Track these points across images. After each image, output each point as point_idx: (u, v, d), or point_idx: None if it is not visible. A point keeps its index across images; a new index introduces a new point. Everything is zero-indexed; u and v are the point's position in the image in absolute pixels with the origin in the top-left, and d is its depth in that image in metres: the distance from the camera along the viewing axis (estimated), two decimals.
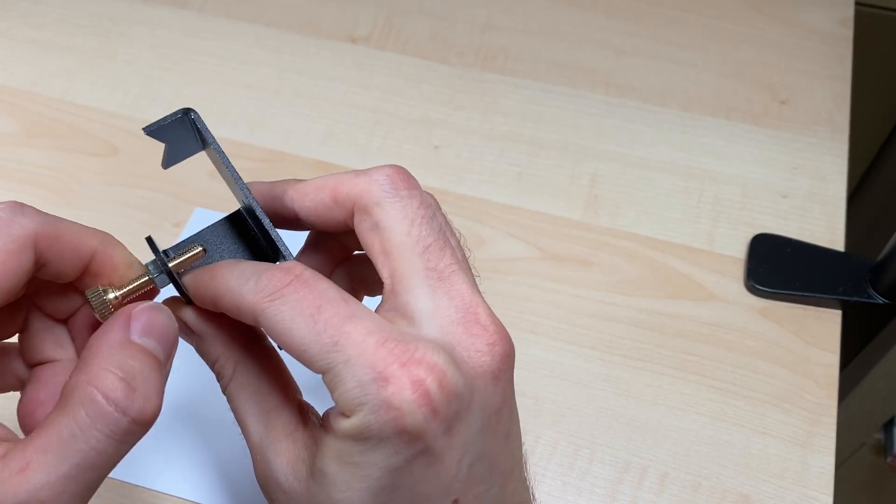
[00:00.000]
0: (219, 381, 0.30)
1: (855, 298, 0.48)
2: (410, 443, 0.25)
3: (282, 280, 0.26)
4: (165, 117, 0.30)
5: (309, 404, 0.30)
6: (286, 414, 0.28)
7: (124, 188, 0.53)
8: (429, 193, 0.30)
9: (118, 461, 0.25)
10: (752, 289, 0.49)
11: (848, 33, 0.62)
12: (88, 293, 0.28)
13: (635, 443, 0.43)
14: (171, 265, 0.29)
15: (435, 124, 0.57)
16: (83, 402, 0.24)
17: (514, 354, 0.28)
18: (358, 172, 0.30)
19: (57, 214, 0.29)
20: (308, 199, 0.31)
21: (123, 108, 0.58)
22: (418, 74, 0.60)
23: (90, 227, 0.29)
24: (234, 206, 0.31)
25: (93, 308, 0.28)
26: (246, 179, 0.30)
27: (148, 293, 0.29)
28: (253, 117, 0.57)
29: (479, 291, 0.28)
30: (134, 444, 0.25)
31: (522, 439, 0.30)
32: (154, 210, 0.52)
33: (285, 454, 0.27)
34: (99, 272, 0.28)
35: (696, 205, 0.53)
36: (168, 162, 0.31)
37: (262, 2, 0.64)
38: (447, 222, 0.30)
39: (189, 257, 0.29)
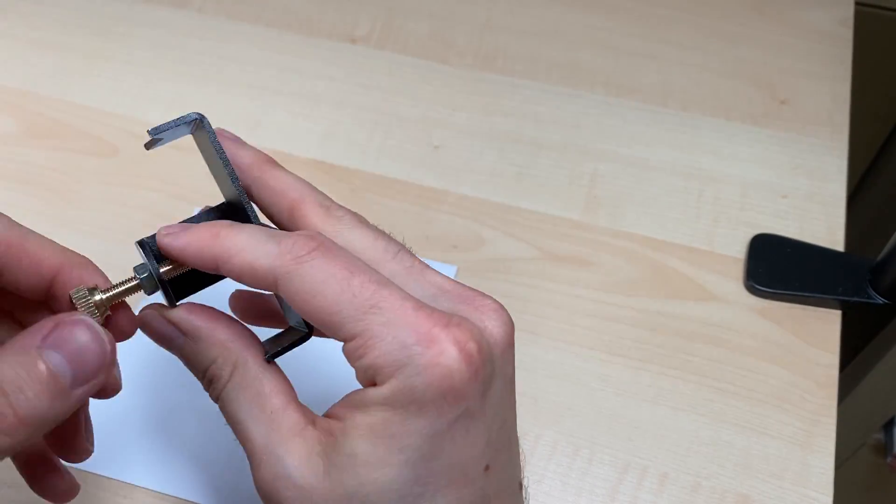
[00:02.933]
0: (211, 385, 0.28)
1: (855, 298, 0.48)
2: (454, 404, 0.25)
3: (307, 245, 0.26)
4: (176, 121, 0.29)
5: (307, 407, 0.29)
6: (292, 414, 0.27)
7: (124, 188, 0.53)
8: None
9: None
10: (751, 289, 0.49)
11: (848, 33, 0.62)
12: (73, 293, 0.27)
13: (635, 443, 0.43)
14: (161, 270, 0.28)
15: (435, 124, 0.57)
16: None
17: (514, 327, 0.28)
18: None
19: (57, 214, 0.29)
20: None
21: (123, 108, 0.58)
22: (418, 74, 0.60)
23: (61, 247, 0.29)
24: None
25: (77, 308, 0.27)
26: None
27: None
28: (253, 117, 0.57)
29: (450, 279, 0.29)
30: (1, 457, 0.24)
31: (520, 439, 0.30)
32: (154, 210, 0.52)
33: (297, 452, 0.26)
34: (62, 293, 0.28)
35: (695, 205, 0.53)
36: (152, 145, 0.30)
37: (262, 2, 0.64)
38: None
39: (177, 269, 0.28)
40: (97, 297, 0.27)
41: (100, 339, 0.25)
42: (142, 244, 0.29)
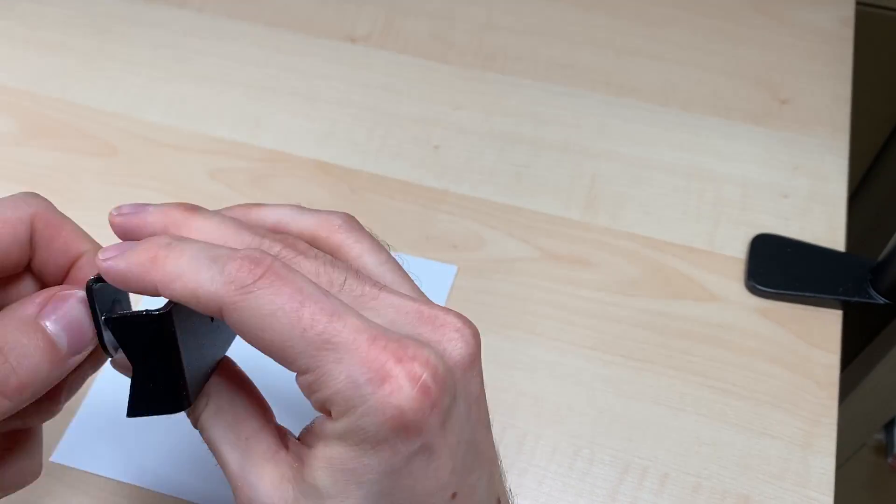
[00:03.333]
0: (188, 415, 0.28)
1: (855, 298, 0.48)
2: (409, 440, 0.24)
3: (253, 272, 0.24)
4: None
5: (285, 428, 0.29)
6: (265, 438, 0.27)
7: (124, 188, 0.53)
8: (293, 240, 0.27)
9: None
10: (752, 289, 0.49)
11: (848, 33, 0.62)
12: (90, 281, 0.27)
13: (635, 443, 0.43)
14: (111, 315, 0.27)
15: (435, 124, 0.57)
16: None
17: (480, 340, 0.27)
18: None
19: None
20: None
21: (123, 108, 0.58)
22: (418, 74, 0.60)
23: (89, 236, 0.30)
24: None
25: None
26: (244, 179, 0.30)
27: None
28: (253, 117, 0.57)
29: (417, 292, 0.28)
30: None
31: (521, 439, 0.30)
32: None
33: (268, 477, 0.26)
34: (77, 279, 0.29)
35: (696, 205, 0.53)
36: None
37: (262, 2, 0.64)
38: (332, 262, 0.27)
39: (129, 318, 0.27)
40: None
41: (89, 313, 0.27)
42: (89, 289, 0.27)
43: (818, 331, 0.47)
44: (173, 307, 0.26)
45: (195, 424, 0.28)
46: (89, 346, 0.27)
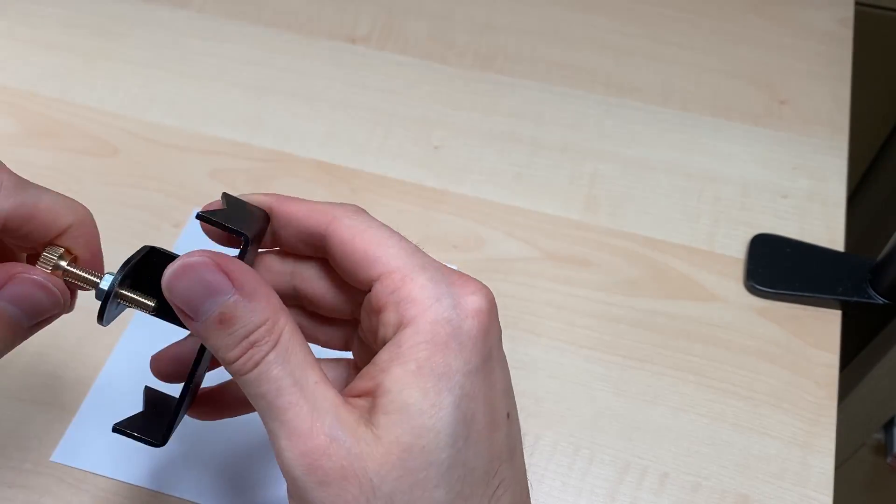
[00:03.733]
0: (250, 350, 0.25)
1: (855, 298, 0.48)
2: (484, 341, 0.26)
3: (358, 209, 0.29)
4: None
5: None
6: (331, 387, 0.26)
7: (124, 188, 0.53)
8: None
9: None
10: (751, 289, 0.49)
11: (848, 33, 0.62)
12: (48, 249, 0.29)
13: (635, 443, 0.43)
14: (121, 291, 0.29)
15: (435, 124, 0.57)
16: None
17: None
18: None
19: None
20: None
21: (123, 108, 0.58)
22: (418, 74, 0.60)
23: (72, 204, 0.30)
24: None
25: (39, 261, 0.29)
26: (245, 179, 0.31)
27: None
28: (253, 117, 0.57)
29: None
30: None
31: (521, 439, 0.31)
32: (154, 210, 0.52)
33: (347, 420, 0.25)
34: (63, 244, 0.30)
35: (695, 205, 0.53)
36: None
37: (262, 2, 0.64)
38: None
39: (138, 301, 0.29)
40: (61, 263, 0.29)
41: (50, 291, 0.28)
42: (148, 252, 0.30)
43: (817, 331, 0.47)
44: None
45: (252, 366, 0.25)
46: (49, 314, 0.29)
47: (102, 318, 0.28)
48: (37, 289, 0.28)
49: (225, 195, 0.29)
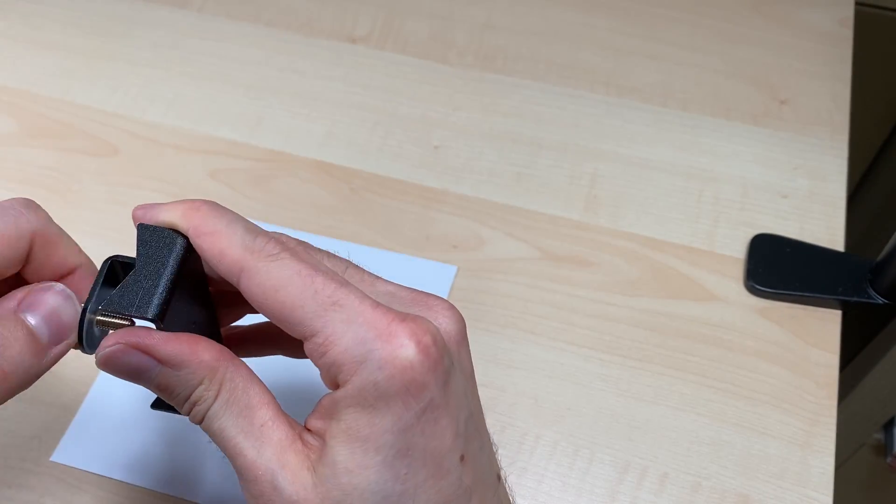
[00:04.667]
0: (194, 407, 0.27)
1: (855, 298, 0.48)
2: (419, 395, 0.25)
3: (275, 247, 0.27)
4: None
5: (292, 418, 0.29)
6: (280, 427, 0.27)
7: (124, 188, 0.53)
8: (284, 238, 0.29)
9: None
10: (751, 289, 0.49)
11: (848, 33, 0.62)
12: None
13: (635, 443, 0.43)
14: (97, 318, 0.28)
15: (435, 124, 0.57)
16: None
17: (465, 325, 0.29)
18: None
19: (57, 214, 0.30)
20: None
21: (123, 108, 0.58)
22: (418, 74, 0.60)
23: (82, 251, 0.30)
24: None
25: None
26: (244, 179, 0.31)
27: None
28: (253, 117, 0.57)
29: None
30: None
31: (520, 439, 0.31)
32: None
33: (290, 465, 0.26)
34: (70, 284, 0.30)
35: (695, 205, 0.53)
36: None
37: (262, 2, 0.64)
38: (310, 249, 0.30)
39: (115, 323, 0.28)
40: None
41: (71, 301, 0.28)
42: (110, 265, 0.29)
43: (817, 331, 0.47)
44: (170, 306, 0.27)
45: (199, 420, 0.27)
46: (72, 336, 0.28)
47: (82, 345, 0.28)
48: (53, 296, 0.28)
49: (140, 227, 0.28)
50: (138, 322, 0.27)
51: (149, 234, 0.28)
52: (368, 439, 0.25)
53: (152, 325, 0.27)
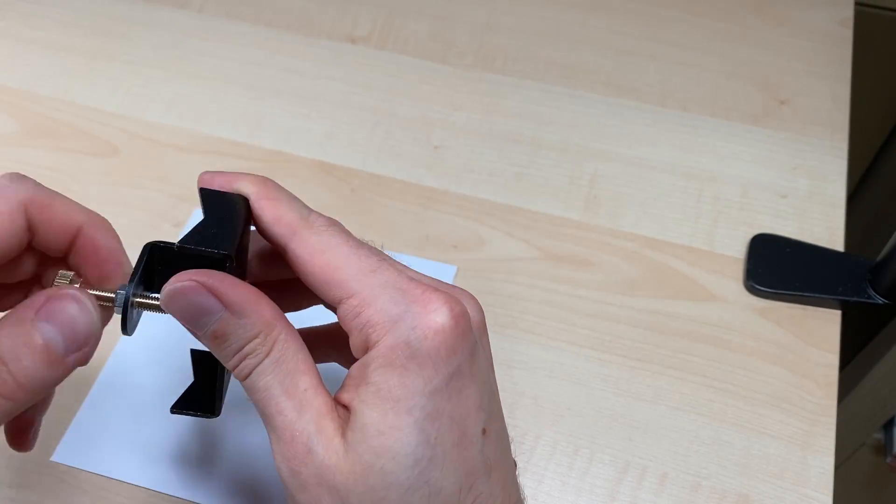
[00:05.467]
0: (244, 361, 0.27)
1: (855, 298, 0.48)
2: (447, 359, 0.26)
3: (327, 222, 0.29)
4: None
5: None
6: (322, 395, 0.27)
7: (124, 188, 0.53)
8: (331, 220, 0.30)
9: None
10: (751, 289, 0.49)
11: (848, 33, 0.62)
12: (60, 273, 0.29)
13: (635, 443, 0.43)
14: (136, 300, 0.29)
15: (435, 124, 0.57)
16: None
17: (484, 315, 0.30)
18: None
19: None
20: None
21: (123, 108, 0.58)
22: (418, 74, 0.60)
23: (82, 206, 0.31)
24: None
25: (53, 286, 0.29)
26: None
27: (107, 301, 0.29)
28: (253, 117, 0.57)
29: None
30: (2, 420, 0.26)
31: (520, 439, 0.31)
32: (154, 210, 0.52)
33: (326, 431, 0.26)
34: (83, 251, 0.30)
35: (695, 205, 0.53)
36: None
37: (262, 2, 0.64)
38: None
39: (154, 305, 0.29)
40: (75, 286, 0.29)
41: (88, 311, 0.27)
42: (150, 250, 0.29)
43: (817, 331, 0.47)
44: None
45: (246, 375, 0.27)
46: (90, 343, 0.27)
47: (126, 328, 0.29)
48: (68, 304, 0.27)
49: (202, 191, 0.30)
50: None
51: (212, 196, 0.29)
52: (400, 400, 0.26)
53: None
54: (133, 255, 0.30)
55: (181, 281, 0.27)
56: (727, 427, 0.44)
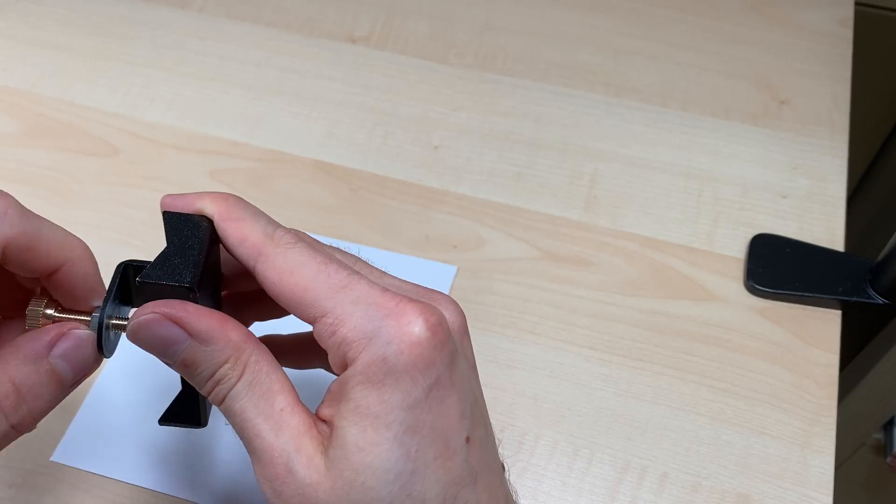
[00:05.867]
0: (217, 386, 0.27)
1: (855, 298, 0.48)
2: (426, 371, 0.26)
3: (292, 238, 0.28)
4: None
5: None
6: (300, 414, 0.27)
7: (124, 188, 0.53)
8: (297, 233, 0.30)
9: None
10: (751, 289, 0.49)
11: (848, 33, 0.62)
12: (31, 302, 0.29)
13: (635, 443, 0.43)
14: (111, 321, 0.29)
15: (435, 124, 0.57)
16: None
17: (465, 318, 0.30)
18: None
19: (57, 214, 0.30)
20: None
21: (123, 108, 0.58)
22: (418, 74, 0.60)
23: (72, 239, 0.30)
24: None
25: (26, 314, 0.29)
26: (244, 179, 0.31)
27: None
28: (253, 117, 0.57)
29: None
30: (6, 446, 0.27)
31: (520, 439, 0.31)
32: (154, 210, 0.52)
33: (305, 450, 0.26)
34: (60, 283, 0.29)
35: (695, 205, 0.53)
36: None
37: (262, 2, 0.64)
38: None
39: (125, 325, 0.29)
40: (47, 311, 0.29)
41: (91, 344, 0.29)
42: (124, 269, 0.30)
43: (817, 331, 0.47)
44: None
45: (220, 400, 0.28)
46: (90, 372, 0.29)
47: (102, 350, 0.29)
48: (81, 343, 0.29)
49: (165, 215, 0.30)
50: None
51: (175, 219, 0.29)
52: (378, 416, 0.26)
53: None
54: (134, 255, 0.30)
55: (144, 314, 0.27)
56: (727, 427, 0.44)
